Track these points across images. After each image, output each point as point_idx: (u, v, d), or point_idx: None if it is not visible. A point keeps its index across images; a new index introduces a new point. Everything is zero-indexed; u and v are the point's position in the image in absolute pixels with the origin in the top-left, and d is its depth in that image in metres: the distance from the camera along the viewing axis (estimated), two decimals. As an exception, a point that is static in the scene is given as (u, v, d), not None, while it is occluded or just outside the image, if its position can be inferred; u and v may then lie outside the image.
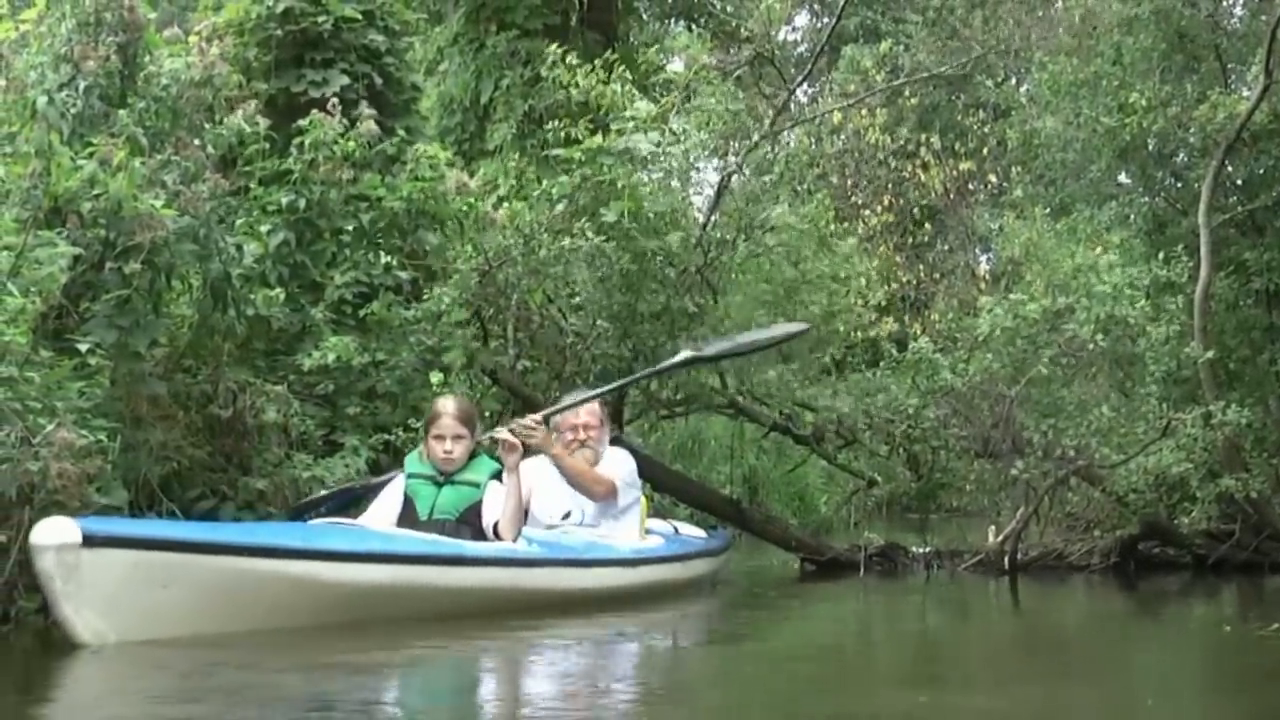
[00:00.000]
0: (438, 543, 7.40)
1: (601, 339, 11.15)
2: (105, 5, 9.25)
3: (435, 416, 7.97)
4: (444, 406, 8.00)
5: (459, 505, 7.81)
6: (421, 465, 7.98)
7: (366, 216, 10.75)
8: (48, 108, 8.76)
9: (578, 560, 8.20)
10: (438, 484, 7.88)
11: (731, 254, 11.53)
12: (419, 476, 7.93)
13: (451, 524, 7.71)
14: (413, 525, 7.66)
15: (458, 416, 7.92)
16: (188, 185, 8.67)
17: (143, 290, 8.29)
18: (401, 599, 6.91)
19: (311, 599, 6.55)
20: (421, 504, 7.83)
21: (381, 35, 12.56)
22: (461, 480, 7.87)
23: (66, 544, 5.86)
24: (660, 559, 9.11)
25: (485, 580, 7.42)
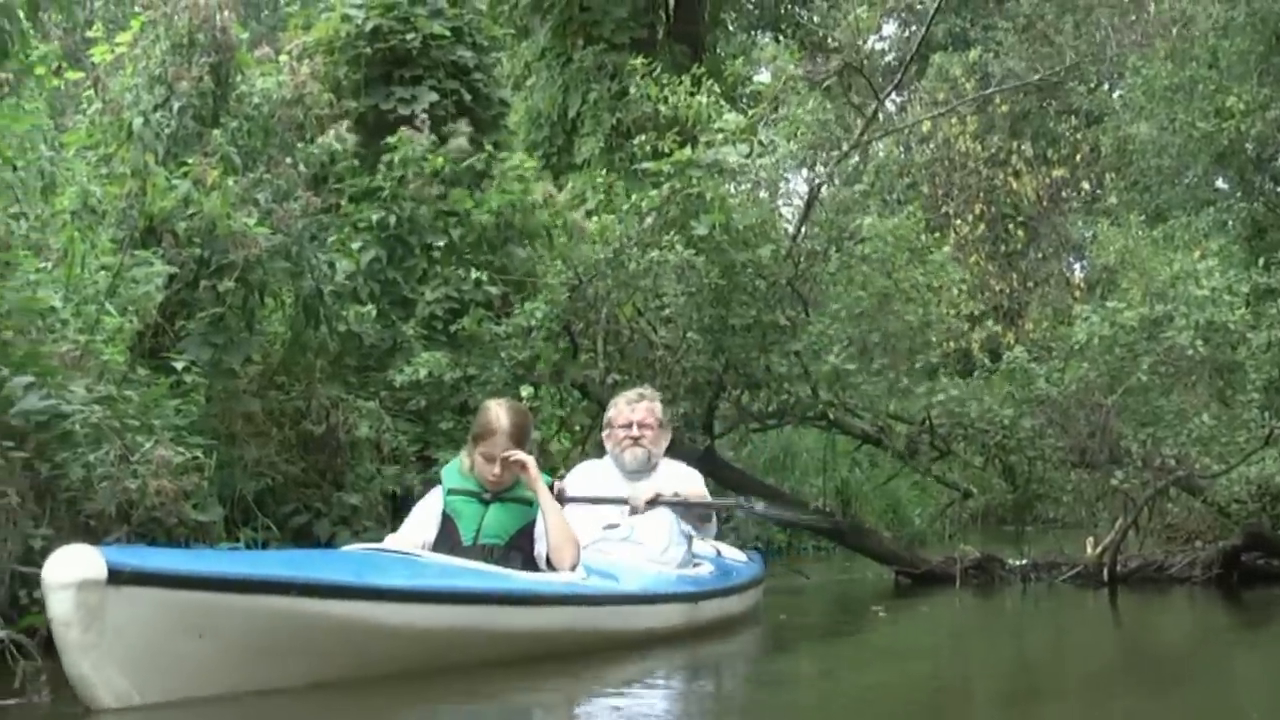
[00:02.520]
0: (507, 578, 6.15)
1: (692, 352, 11.09)
2: (198, 26, 9.35)
3: (486, 433, 6.50)
4: (497, 421, 6.48)
5: (509, 528, 6.49)
6: (463, 479, 6.59)
7: (456, 232, 10.78)
8: (143, 129, 8.86)
9: (644, 596, 7.10)
10: (483, 502, 6.51)
11: (823, 265, 11.43)
12: (461, 493, 6.55)
13: (500, 550, 6.38)
14: (454, 551, 6.34)
15: (512, 434, 6.50)
16: (280, 203, 8.73)
17: (236, 308, 8.37)
18: (469, 643, 5.81)
19: (368, 646, 5.43)
20: (465, 526, 6.46)
21: (469, 51, 12.60)
22: (512, 498, 6.52)
23: (89, 580, 4.64)
24: (721, 591, 7.99)
25: (556, 621, 6.32)
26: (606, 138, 17.03)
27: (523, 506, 6.55)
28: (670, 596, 7.33)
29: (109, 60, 10.00)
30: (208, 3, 9.45)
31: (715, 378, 11.02)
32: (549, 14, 18.08)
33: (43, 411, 6.90)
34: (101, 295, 8.06)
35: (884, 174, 12.87)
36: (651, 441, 8.16)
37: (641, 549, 7.53)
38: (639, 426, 8.13)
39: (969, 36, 27.09)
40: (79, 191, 8.72)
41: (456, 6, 12.66)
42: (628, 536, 7.62)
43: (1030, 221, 25.01)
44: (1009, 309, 23.50)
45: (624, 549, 7.51)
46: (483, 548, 6.39)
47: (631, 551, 7.49)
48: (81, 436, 7.07)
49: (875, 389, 11.23)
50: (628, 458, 8.16)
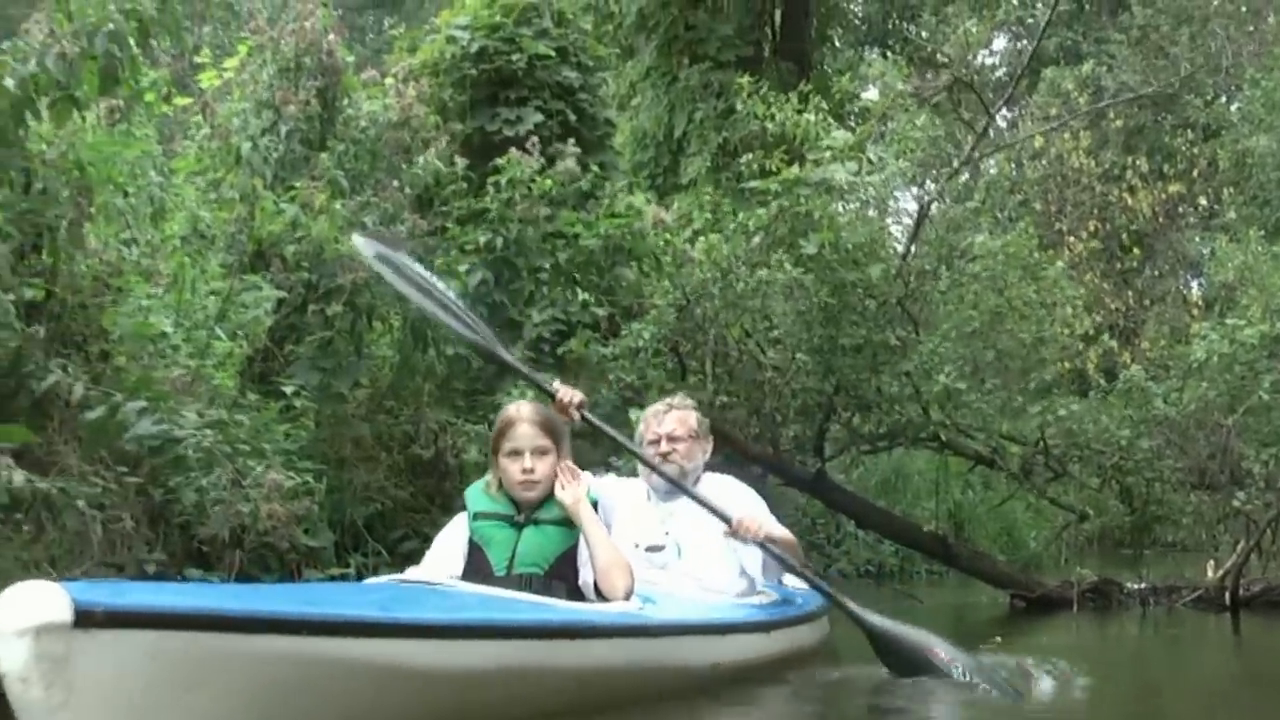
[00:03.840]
0: (553, 608, 5.16)
1: (801, 373, 10.95)
2: (305, 50, 9.39)
3: (506, 425, 5.53)
4: (517, 411, 5.59)
5: (549, 553, 5.47)
6: (491, 500, 5.55)
7: (563, 254, 10.73)
8: (251, 153, 8.90)
9: (713, 626, 6.20)
10: (516, 525, 5.48)
11: (933, 284, 11.25)
12: (489, 517, 5.51)
13: (540, 580, 5.40)
14: (486, 582, 5.36)
15: (538, 422, 5.51)
16: (387, 226, 8.72)
17: (344, 332, 8.37)
18: (513, 684, 4.83)
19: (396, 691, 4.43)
20: (496, 554, 5.45)
21: (575, 72, 12.58)
22: (549, 519, 5.48)
23: (51, 625, 3.60)
24: (796, 619, 7.06)
25: (614, 657, 5.30)
26: (713, 157, 16.90)
27: (563, 529, 5.48)
28: (741, 626, 6.42)
29: (217, 85, 10.07)
30: (314, 27, 9.50)
31: (825, 399, 10.87)
32: (654, 33, 18.01)
33: (156, 437, 6.94)
34: (211, 320, 8.09)
35: (995, 191, 12.69)
36: (684, 455, 6.87)
37: (688, 578, 6.58)
38: (667, 440, 6.87)
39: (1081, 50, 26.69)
40: (189, 217, 8.78)
41: (562, 27, 12.65)
42: (666, 564, 6.61)
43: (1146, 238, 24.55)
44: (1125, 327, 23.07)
45: (667, 577, 6.52)
46: (519, 578, 5.36)
47: (676, 580, 6.53)
48: (194, 461, 7.10)
49: (988, 409, 11.02)
50: (656, 476, 6.92)
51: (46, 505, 6.28)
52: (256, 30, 9.69)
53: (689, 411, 7.05)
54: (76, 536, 6.36)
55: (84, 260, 7.29)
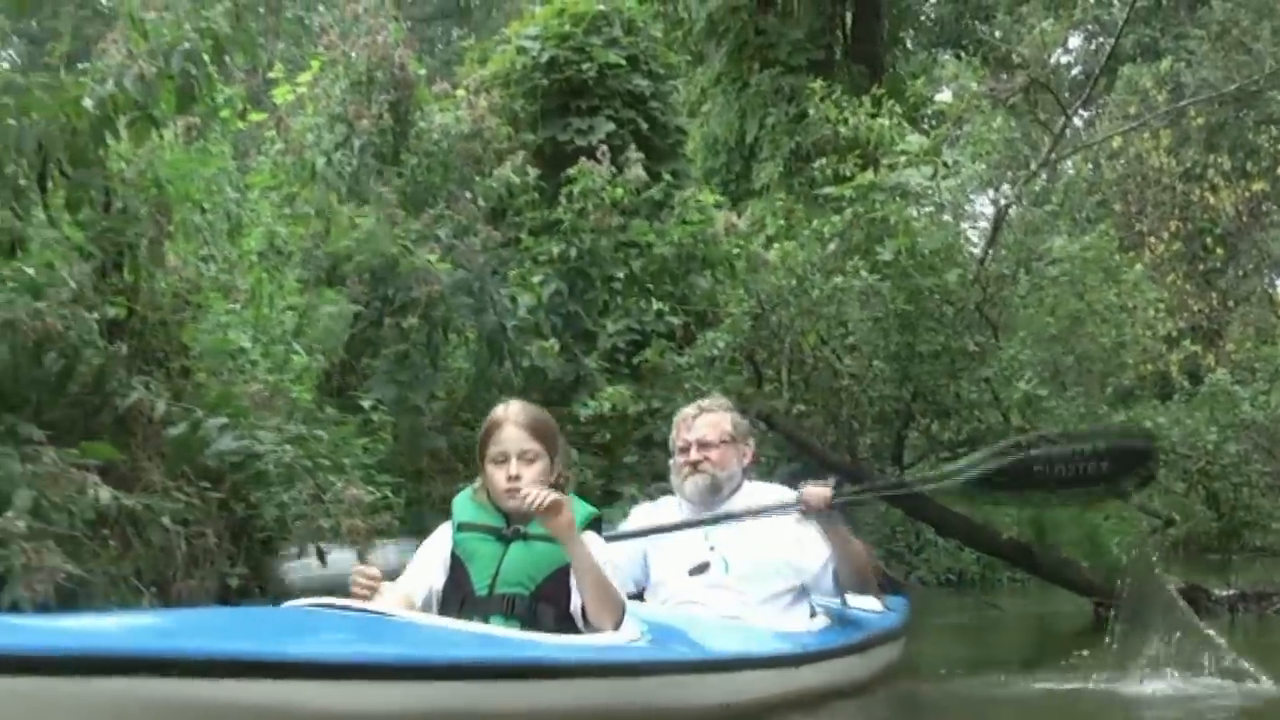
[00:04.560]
0: (501, 640, 4.37)
1: (878, 380, 10.86)
2: (377, 64, 9.42)
3: (492, 427, 4.84)
4: (504, 411, 4.87)
5: (537, 572, 4.72)
6: (477, 510, 4.83)
7: (637, 263, 10.72)
8: (326, 168, 8.93)
9: (717, 662, 5.25)
10: (503, 539, 4.74)
11: (1012, 288, 11.13)
12: (474, 529, 4.79)
13: (524, 601, 4.67)
14: (465, 604, 4.68)
15: (525, 424, 4.79)
16: (461, 239, 8.73)
17: (420, 345, 8.38)
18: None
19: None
20: (479, 570, 4.72)
21: (646, 80, 12.57)
22: (540, 534, 4.69)
23: None
24: (835, 651, 6.02)
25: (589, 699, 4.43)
26: (785, 162, 16.87)
27: (555, 545, 4.67)
28: (757, 660, 5.48)
29: (290, 101, 10.12)
30: (385, 40, 9.52)
31: (903, 406, 10.78)
32: (724, 38, 18.00)
33: (237, 452, 6.97)
34: (289, 335, 8.12)
35: (1073, 192, 12.51)
36: (717, 464, 6.00)
37: (740, 597, 5.83)
38: (698, 447, 5.99)
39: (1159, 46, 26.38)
40: (265, 232, 8.81)
41: (632, 35, 12.64)
42: (718, 582, 5.87)
43: (1229, 237, 24.18)
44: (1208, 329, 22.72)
45: (717, 597, 5.81)
46: (502, 599, 4.66)
47: (726, 600, 5.80)
48: (275, 476, 7.12)
49: (1069, 414, 10.88)
50: (688, 488, 6.07)
51: (132, 521, 6.31)
52: (330, 45, 9.73)
53: (723, 414, 6.15)
54: (161, 552, 6.40)
55: (164, 277, 7.33)
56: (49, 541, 5.52)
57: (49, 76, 6.84)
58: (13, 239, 6.63)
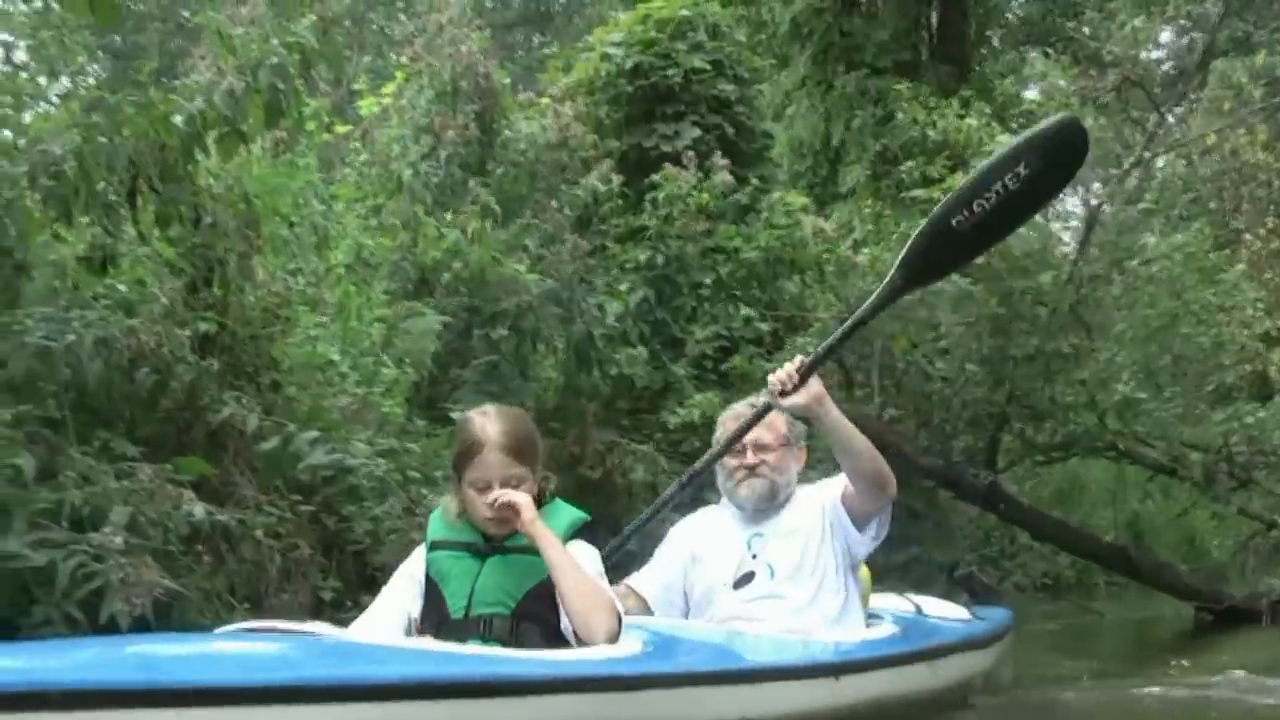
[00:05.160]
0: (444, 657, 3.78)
1: (971, 384, 10.75)
2: (462, 74, 9.41)
3: (470, 451, 4.20)
4: (482, 431, 4.20)
5: (517, 588, 4.20)
6: (452, 527, 4.29)
7: (724, 269, 10.66)
8: (412, 180, 8.93)
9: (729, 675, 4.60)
10: (479, 555, 4.24)
11: (1106, 289, 10.97)
12: (449, 546, 4.29)
13: (504, 622, 4.17)
14: (441, 627, 4.18)
15: (507, 446, 4.17)
16: (548, 248, 8.71)
17: (509, 355, 8.36)
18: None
19: None
20: (454, 591, 4.22)
21: (731, 84, 12.49)
22: (519, 546, 4.19)
23: None
24: (885, 660, 5.30)
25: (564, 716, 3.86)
26: (871, 165, 16.70)
27: (538, 559, 4.15)
28: (782, 671, 4.81)
29: (375, 112, 10.14)
30: (470, 50, 9.52)
31: (997, 410, 10.65)
32: (808, 41, 17.87)
33: (329, 466, 6.97)
34: (377, 347, 8.11)
35: (1168, 191, 12.33)
36: (774, 468, 5.42)
37: (788, 605, 5.26)
38: (754, 450, 5.38)
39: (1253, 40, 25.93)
40: (352, 245, 8.82)
41: (716, 39, 12.57)
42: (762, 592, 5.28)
43: (1331, 233, 23.76)
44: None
45: (765, 610, 5.23)
46: (479, 620, 4.16)
47: (775, 612, 5.23)
48: (366, 490, 7.11)
49: (1167, 416, 10.71)
50: (743, 493, 5.45)
51: (225, 536, 6.33)
52: (415, 57, 9.75)
53: (779, 414, 5.39)
54: (254, 566, 6.41)
55: (253, 292, 7.35)
56: (146, 557, 5.53)
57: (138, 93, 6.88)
58: (104, 256, 6.67)
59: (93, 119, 6.57)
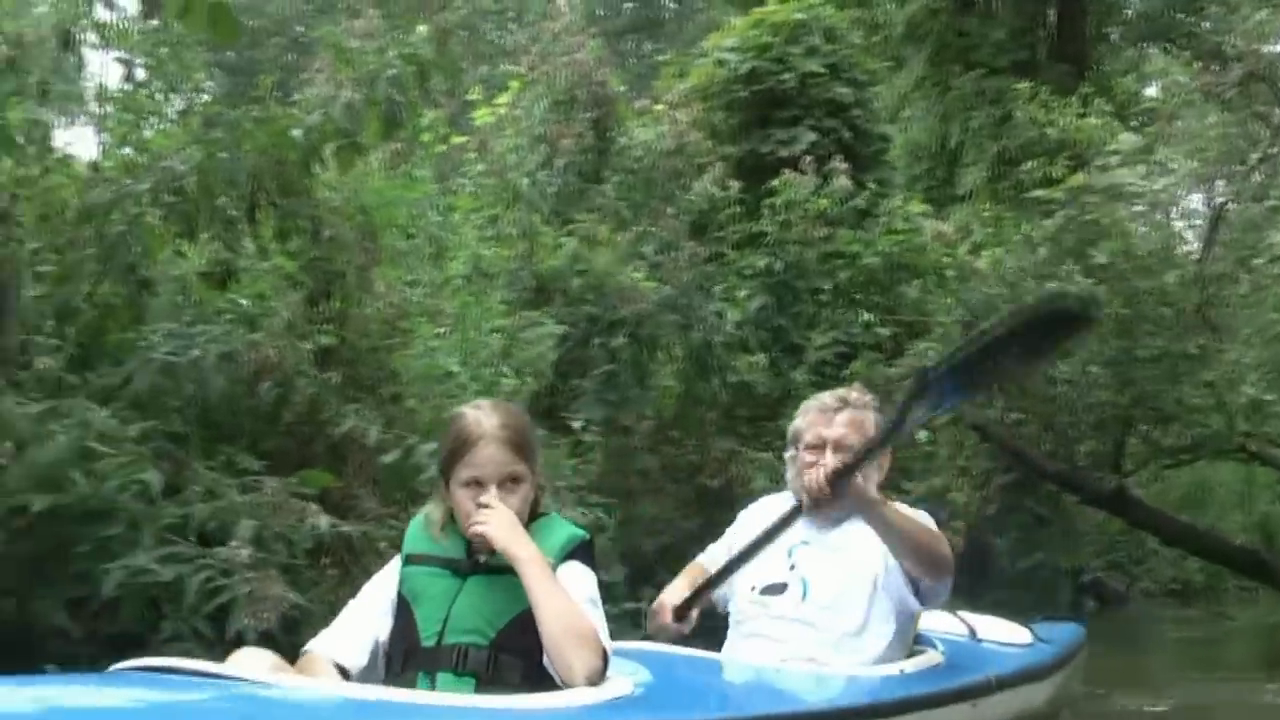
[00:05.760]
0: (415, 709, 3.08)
1: (1095, 387, 10.56)
2: (577, 83, 9.40)
3: (464, 444, 3.55)
4: (477, 425, 3.56)
5: (498, 614, 3.53)
6: (432, 539, 3.62)
7: (843, 274, 10.57)
8: (529, 189, 8.93)
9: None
10: (460, 573, 3.58)
11: (1233, 288, 10.74)
12: (426, 561, 3.61)
13: (480, 653, 3.50)
14: (410, 657, 3.54)
15: (505, 440, 3.56)
16: (665, 255, 8.68)
17: (628, 364, 8.33)
18: None
19: None
20: (427, 614, 3.55)
21: (847, 88, 12.39)
22: (505, 565, 3.50)
23: None
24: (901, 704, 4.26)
25: None
26: (990, 166, 16.51)
27: None
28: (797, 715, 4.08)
29: (490, 122, 10.17)
30: (585, 59, 9.51)
31: (1122, 412, 10.45)
32: (924, 42, 17.72)
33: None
34: (496, 357, 8.11)
35: (1294, 186, 12.02)
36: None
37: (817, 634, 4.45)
38: (835, 448, 4.57)
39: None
40: (470, 255, 8.84)
41: (832, 43, 12.47)
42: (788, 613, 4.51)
43: None
44: None
45: (789, 632, 4.47)
46: (452, 650, 3.50)
47: (800, 637, 4.46)
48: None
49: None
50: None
51: (349, 548, 6.34)
52: (532, 66, 9.76)
53: (868, 413, 4.70)
54: (378, 580, 6.41)
55: (372, 304, 7.38)
56: (271, 571, 5.56)
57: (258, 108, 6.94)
58: (225, 271, 6.73)
59: (213, 135, 6.64)
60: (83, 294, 6.54)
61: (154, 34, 8.27)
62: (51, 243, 6.72)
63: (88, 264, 6.53)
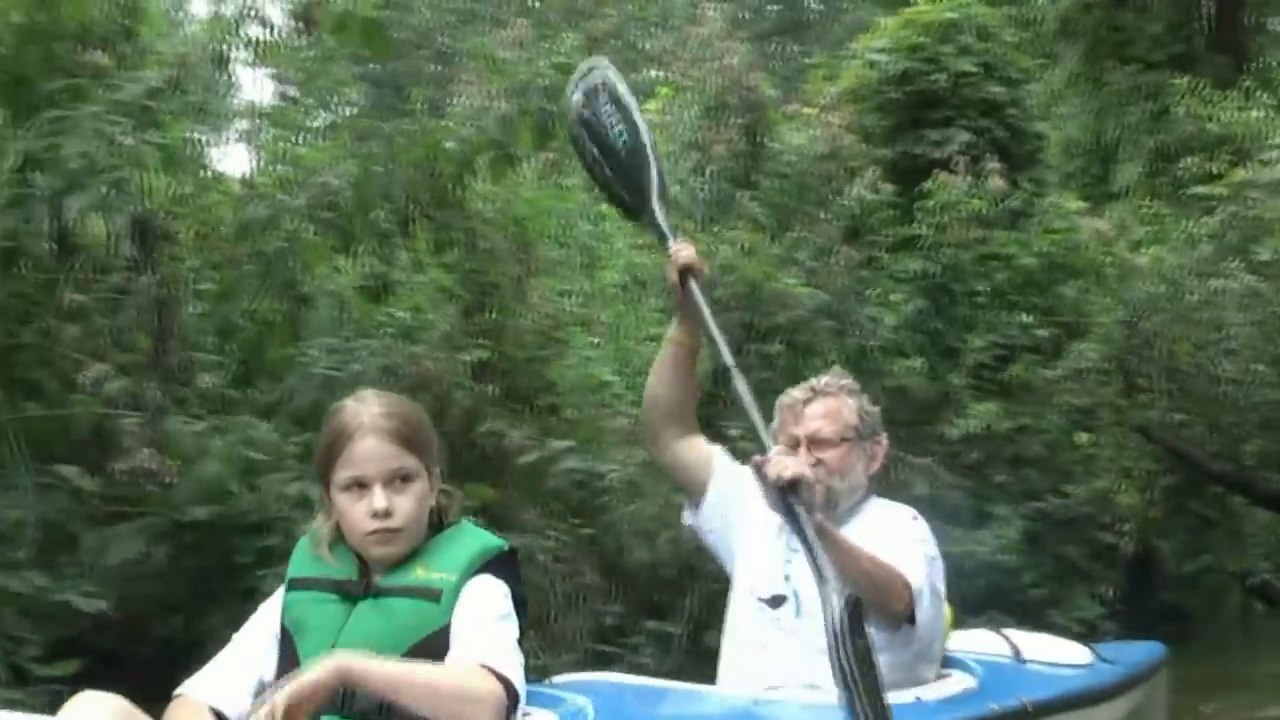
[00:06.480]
0: None
1: (1261, 385, 10.33)
2: (727, 88, 9.35)
3: (339, 438, 2.93)
4: (355, 415, 2.92)
5: (394, 643, 2.87)
6: (317, 559, 3.01)
7: (1000, 275, 10.39)
8: (682, 195, 8.90)
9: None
10: (349, 597, 2.96)
11: None
12: (312, 585, 3.02)
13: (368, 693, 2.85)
14: None
15: (388, 430, 2.92)
16: (819, 260, 8.61)
17: (784, 370, 8.26)
18: None
19: None
20: (310, 647, 2.93)
21: (1001, 86, 12.16)
22: (401, 587, 2.93)
23: None
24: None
25: None
26: (1147, 163, 16.17)
27: (422, 603, 2.91)
28: None
29: (640, 129, 10.14)
30: (736, 64, 9.46)
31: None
32: (1078, 38, 17.41)
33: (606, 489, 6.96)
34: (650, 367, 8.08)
35: None
36: (836, 469, 3.96)
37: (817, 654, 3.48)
38: (809, 445, 3.97)
39: None
40: (623, 264, 8.82)
41: (984, 41, 12.27)
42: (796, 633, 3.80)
43: None
44: None
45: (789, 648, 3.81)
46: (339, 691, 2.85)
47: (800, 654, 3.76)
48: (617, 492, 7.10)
49: None
50: None
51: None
52: (683, 73, 9.72)
53: (845, 399, 4.07)
54: (538, 592, 6.41)
55: (527, 315, 7.39)
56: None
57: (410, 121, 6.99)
58: (381, 284, 6.77)
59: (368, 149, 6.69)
60: (242, 311, 6.62)
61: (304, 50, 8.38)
62: (210, 260, 6.82)
63: (246, 281, 6.61)
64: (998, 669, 4.32)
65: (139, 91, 4.85)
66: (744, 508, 4.04)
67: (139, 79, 5.01)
